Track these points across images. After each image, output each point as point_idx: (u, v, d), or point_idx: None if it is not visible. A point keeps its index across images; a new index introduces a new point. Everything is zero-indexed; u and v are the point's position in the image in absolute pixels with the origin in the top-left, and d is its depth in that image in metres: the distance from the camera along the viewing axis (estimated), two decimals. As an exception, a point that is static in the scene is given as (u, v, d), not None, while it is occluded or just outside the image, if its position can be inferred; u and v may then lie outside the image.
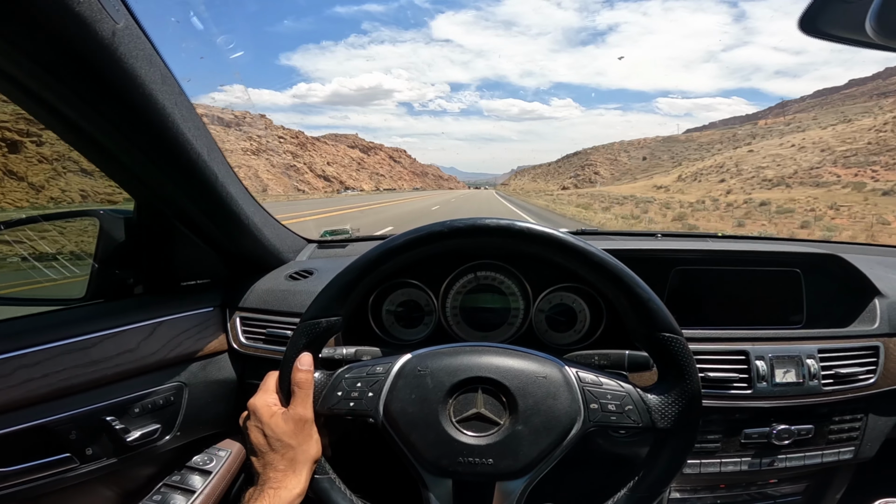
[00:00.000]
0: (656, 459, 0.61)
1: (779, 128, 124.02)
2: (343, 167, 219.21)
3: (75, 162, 6.85)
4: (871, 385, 0.95)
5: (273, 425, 0.61)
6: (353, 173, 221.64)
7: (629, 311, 0.62)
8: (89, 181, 6.59)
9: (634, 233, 1.54)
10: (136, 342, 0.86)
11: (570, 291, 1.04)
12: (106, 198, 6.25)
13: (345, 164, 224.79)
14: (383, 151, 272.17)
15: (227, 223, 0.93)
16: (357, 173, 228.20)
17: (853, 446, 0.98)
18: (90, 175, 6.52)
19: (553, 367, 0.62)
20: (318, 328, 0.64)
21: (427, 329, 1.06)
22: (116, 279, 0.97)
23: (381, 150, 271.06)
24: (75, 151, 0.73)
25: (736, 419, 0.94)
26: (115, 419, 0.81)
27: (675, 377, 0.61)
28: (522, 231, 0.62)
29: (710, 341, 0.95)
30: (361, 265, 0.64)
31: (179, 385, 0.93)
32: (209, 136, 0.81)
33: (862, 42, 0.50)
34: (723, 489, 1.03)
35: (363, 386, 0.63)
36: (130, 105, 0.63)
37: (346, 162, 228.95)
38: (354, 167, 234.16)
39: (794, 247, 1.10)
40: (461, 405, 0.61)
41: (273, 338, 1.01)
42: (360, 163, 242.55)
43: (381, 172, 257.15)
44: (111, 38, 0.55)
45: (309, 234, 1.42)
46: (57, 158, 6.56)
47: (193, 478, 0.99)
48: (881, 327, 0.98)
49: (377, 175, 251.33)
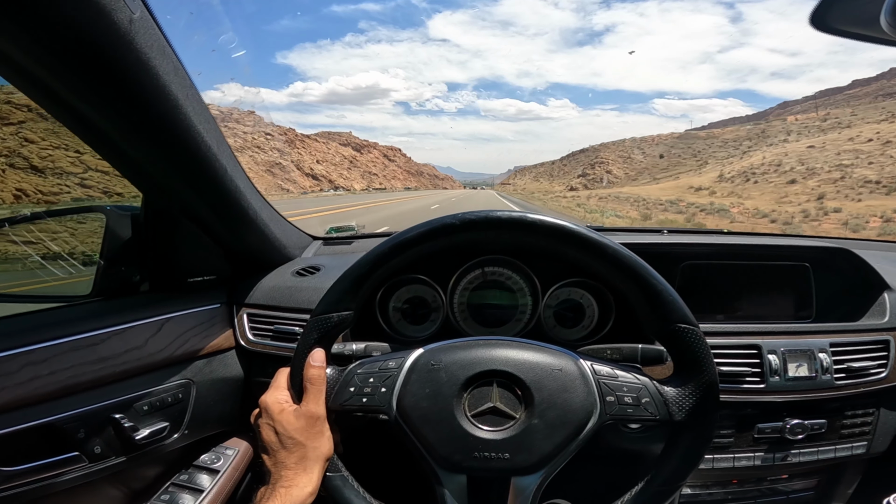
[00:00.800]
0: (674, 453, 0.60)
1: (814, 123, 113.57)
2: (334, 165, 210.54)
3: (25, 158, 6.41)
4: (882, 379, 0.94)
5: (284, 422, 0.60)
6: (344, 172, 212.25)
7: (644, 303, 0.61)
8: (36, 179, 6.16)
9: (639, 229, 1.53)
10: (143, 339, 0.85)
11: (578, 286, 1.04)
12: (43, 198, 5.93)
13: (336, 163, 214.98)
14: (377, 150, 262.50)
15: (235, 219, 0.92)
16: (348, 172, 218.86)
17: (866, 441, 0.97)
18: (42, 173, 6.13)
19: (568, 360, 0.61)
20: (330, 323, 0.63)
21: (434, 325, 1.05)
22: (122, 276, 0.96)
23: (375, 149, 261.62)
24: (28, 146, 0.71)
25: (748, 414, 0.93)
26: (123, 417, 0.80)
27: (692, 369, 0.60)
28: (535, 224, 0.61)
29: (722, 335, 0.95)
30: (373, 258, 0.63)
31: (187, 382, 0.92)
32: (218, 129, 0.81)
33: (875, 38, 0.49)
34: (735, 484, 1.02)
35: (376, 381, 0.62)
36: (144, 96, 0.62)
37: (337, 160, 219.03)
38: (346, 165, 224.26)
39: (803, 241, 1.11)
40: (476, 399, 0.60)
41: (281, 334, 1.00)
42: (352, 161, 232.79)
43: (373, 171, 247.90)
44: (128, 27, 0.54)
45: (314, 231, 1.41)
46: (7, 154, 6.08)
47: (201, 477, 0.99)
48: (891, 321, 0.98)
49: (370, 174, 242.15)
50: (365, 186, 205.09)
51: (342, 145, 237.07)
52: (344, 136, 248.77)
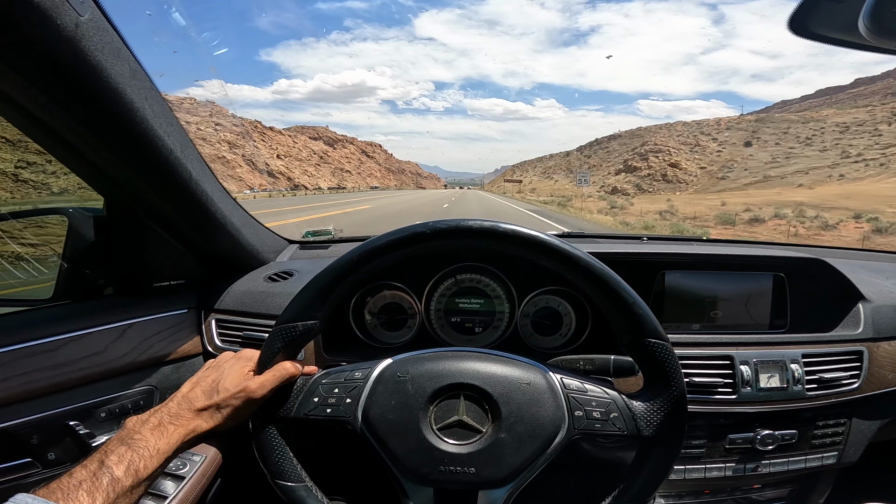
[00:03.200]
0: (641, 468, 0.60)
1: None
2: (299, 161, 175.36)
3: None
4: (855, 390, 0.94)
5: (226, 373, 0.61)
6: (309, 168, 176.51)
7: (615, 315, 0.61)
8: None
9: (620, 235, 1.53)
10: (103, 345, 0.83)
11: (555, 295, 1.03)
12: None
13: (302, 158, 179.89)
14: (354, 145, 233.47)
15: (203, 223, 0.91)
16: (316, 169, 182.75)
17: (837, 451, 0.97)
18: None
19: (537, 374, 0.61)
20: (295, 332, 0.62)
21: (410, 332, 1.04)
22: (85, 279, 0.94)
23: (352, 144, 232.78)
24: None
25: (720, 424, 0.93)
26: (78, 424, 0.79)
27: (661, 384, 0.60)
28: (507, 233, 0.60)
29: (695, 346, 0.94)
30: (340, 267, 0.62)
31: (150, 389, 0.90)
32: (183, 132, 0.79)
33: (853, 43, 0.49)
34: (707, 495, 1.02)
35: (341, 392, 0.61)
36: (96, 100, 0.61)
37: (303, 155, 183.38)
38: (314, 161, 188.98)
39: (779, 251, 1.11)
40: (442, 412, 0.60)
41: (250, 340, 0.98)
42: (322, 156, 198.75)
43: (346, 168, 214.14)
44: (74, 31, 0.53)
45: (291, 235, 1.38)
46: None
47: (165, 483, 0.96)
48: (865, 332, 0.98)
49: (341, 171, 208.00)
50: (337, 185, 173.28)
51: (313, 139, 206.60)
52: (317, 130, 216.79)
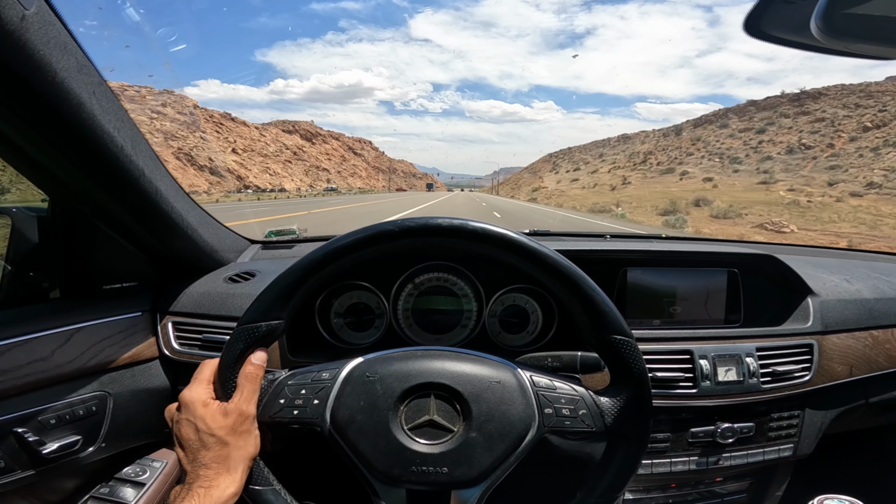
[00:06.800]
0: (610, 464, 0.61)
1: None
2: (263, 157, 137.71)
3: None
4: (806, 382, 0.98)
5: (208, 419, 0.56)
6: (274, 165, 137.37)
7: (580, 312, 0.61)
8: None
9: (585, 234, 1.56)
10: (48, 350, 0.80)
11: (522, 293, 1.04)
12: None
13: (267, 154, 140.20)
14: (340, 141, 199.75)
15: (157, 223, 0.87)
16: (283, 166, 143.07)
17: (792, 443, 1.01)
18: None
19: (507, 372, 0.61)
20: (258, 332, 0.60)
21: (378, 332, 1.03)
22: (30, 282, 0.90)
23: (337, 140, 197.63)
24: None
25: (683, 418, 0.96)
26: (27, 431, 0.76)
27: (626, 380, 0.61)
28: (476, 231, 0.60)
29: (657, 341, 0.96)
30: (304, 266, 0.61)
31: (102, 395, 0.87)
32: (134, 128, 0.76)
33: (807, 45, 0.48)
34: (674, 488, 1.04)
35: (308, 393, 0.59)
36: (38, 95, 0.58)
37: (271, 150, 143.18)
38: (284, 157, 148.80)
39: (733, 247, 1.14)
40: (413, 412, 0.59)
41: (210, 343, 0.95)
42: (295, 152, 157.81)
43: (324, 166, 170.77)
44: (18, 24, 0.51)
45: (253, 234, 1.35)
46: None
47: (125, 490, 0.94)
48: (814, 325, 1.02)
49: (317, 169, 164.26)
50: (308, 186, 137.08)
51: (287, 132, 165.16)
52: (295, 124, 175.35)
